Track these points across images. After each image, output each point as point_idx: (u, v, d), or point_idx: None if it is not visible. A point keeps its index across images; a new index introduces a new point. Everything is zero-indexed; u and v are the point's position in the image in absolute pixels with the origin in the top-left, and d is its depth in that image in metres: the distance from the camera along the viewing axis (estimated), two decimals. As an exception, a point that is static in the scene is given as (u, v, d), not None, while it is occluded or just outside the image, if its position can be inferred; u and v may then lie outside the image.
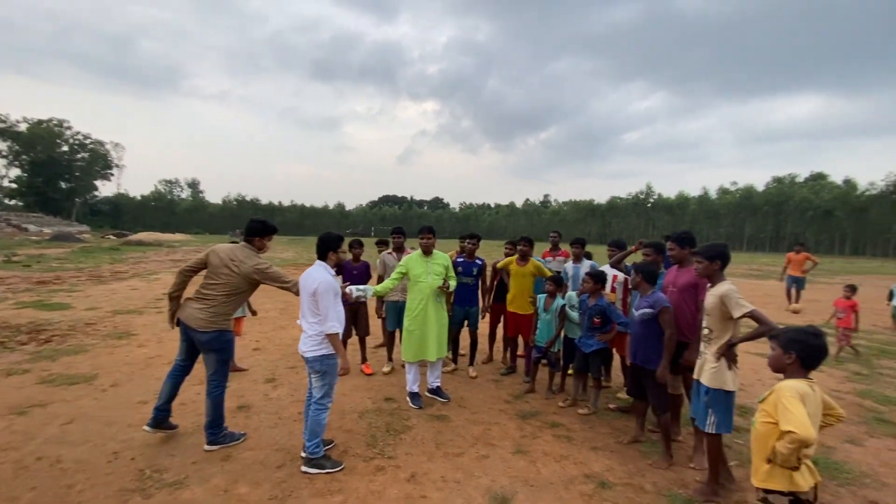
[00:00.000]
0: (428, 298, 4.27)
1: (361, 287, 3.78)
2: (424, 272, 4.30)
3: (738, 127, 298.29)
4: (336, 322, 3.11)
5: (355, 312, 5.23)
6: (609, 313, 4.14)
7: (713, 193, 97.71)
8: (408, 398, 4.34)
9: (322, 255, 3.31)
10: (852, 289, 7.10)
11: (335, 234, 3.38)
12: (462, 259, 5.26)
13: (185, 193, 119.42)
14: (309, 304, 3.19)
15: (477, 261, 5.27)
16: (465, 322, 5.26)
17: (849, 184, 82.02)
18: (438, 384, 4.54)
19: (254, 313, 5.63)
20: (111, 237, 41.26)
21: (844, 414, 2.07)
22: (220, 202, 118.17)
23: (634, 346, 3.51)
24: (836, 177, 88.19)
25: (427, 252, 4.36)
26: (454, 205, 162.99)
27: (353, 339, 5.30)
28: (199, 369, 3.47)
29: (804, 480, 1.83)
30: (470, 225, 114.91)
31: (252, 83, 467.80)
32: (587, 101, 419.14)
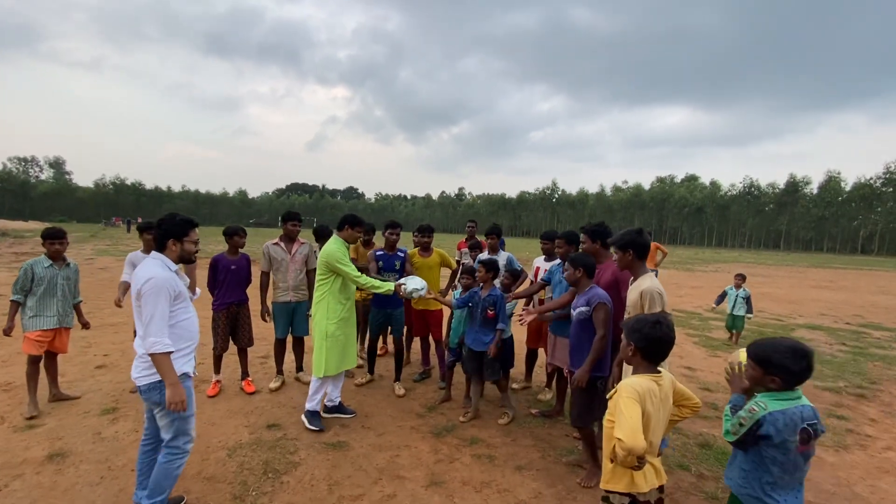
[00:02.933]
0: (353, 299, 3.80)
1: (412, 279, 3.66)
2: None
3: (626, 131, 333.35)
4: (162, 337, 2.16)
5: (234, 319, 4.23)
6: (502, 305, 3.71)
7: (608, 191, 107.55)
8: (305, 419, 3.51)
9: (161, 245, 2.36)
10: None
11: (181, 218, 2.42)
12: (382, 252, 4.49)
13: (46, 174, 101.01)
14: (137, 313, 2.25)
15: (399, 252, 4.52)
16: (388, 327, 4.53)
17: (714, 185, 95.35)
18: (340, 399, 3.79)
19: (85, 325, 3.91)
20: (-67, 225, 33.00)
21: (699, 402, 1.95)
22: (91, 185, 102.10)
23: (571, 350, 3.07)
24: (705, 178, 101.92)
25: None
26: (370, 195, 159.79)
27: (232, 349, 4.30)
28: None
29: (644, 482, 1.76)
30: (386, 216, 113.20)
31: (132, 51, 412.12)
32: (496, 99, 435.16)
